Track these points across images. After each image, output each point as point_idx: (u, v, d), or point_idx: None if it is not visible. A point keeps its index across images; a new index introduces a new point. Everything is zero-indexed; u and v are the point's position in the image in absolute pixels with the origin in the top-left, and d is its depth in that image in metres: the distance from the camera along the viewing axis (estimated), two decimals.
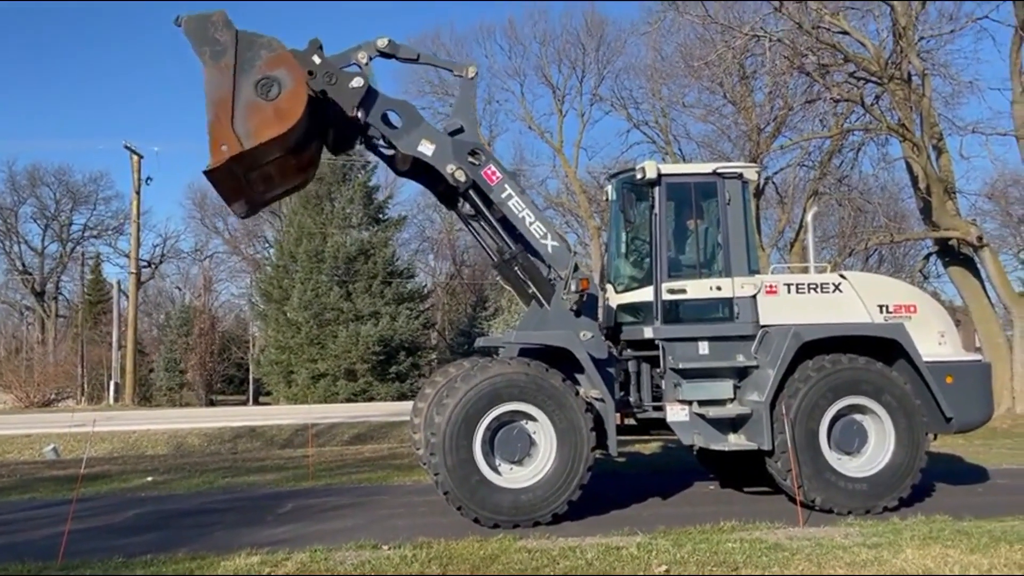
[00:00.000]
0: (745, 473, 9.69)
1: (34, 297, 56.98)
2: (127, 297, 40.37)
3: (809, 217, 18.67)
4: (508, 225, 8.92)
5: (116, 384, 37.54)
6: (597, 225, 34.37)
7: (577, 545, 7.02)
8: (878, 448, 8.48)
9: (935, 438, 9.04)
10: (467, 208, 9.13)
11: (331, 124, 8.79)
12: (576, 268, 8.81)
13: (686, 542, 7.05)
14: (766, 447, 8.32)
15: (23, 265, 57.13)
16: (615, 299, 9.58)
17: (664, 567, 6.34)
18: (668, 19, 22.41)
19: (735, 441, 8.73)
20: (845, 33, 18.61)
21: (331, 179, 36.96)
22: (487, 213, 8.93)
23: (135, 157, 35.76)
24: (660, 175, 8.94)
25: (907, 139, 18.93)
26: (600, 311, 9.29)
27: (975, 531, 7.29)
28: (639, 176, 8.98)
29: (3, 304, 60.53)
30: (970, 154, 29.93)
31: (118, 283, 43.28)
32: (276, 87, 7.63)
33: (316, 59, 8.33)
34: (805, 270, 11.65)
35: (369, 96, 8.49)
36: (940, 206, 18.76)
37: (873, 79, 18.88)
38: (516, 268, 8.94)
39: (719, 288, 8.86)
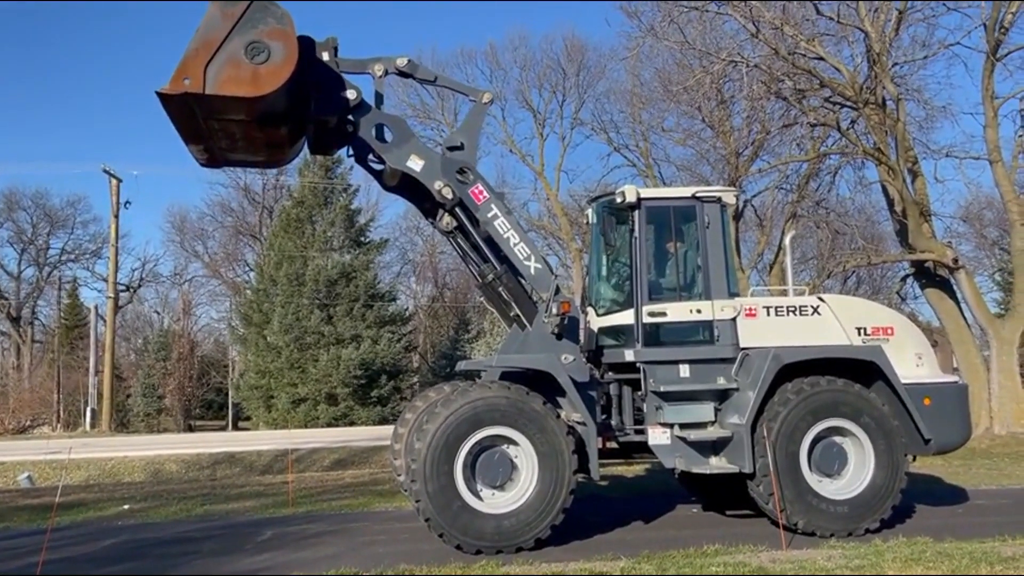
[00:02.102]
0: (727, 496, 9.69)
1: (10, 322, 56.17)
2: (104, 322, 39.93)
3: (787, 240, 18.85)
4: (493, 245, 8.94)
5: (93, 410, 37.02)
6: (578, 248, 34.52)
7: (560, 571, 6.99)
8: (858, 470, 8.53)
9: (914, 459, 9.11)
10: (452, 225, 9.12)
11: (312, 120, 8.76)
12: (558, 291, 8.85)
13: (670, 566, 7.04)
14: (747, 470, 8.34)
15: None
16: (596, 322, 9.61)
17: None
18: (646, 45, 22.67)
19: (717, 464, 8.74)
20: (821, 59, 18.93)
21: (312, 202, 36.92)
22: (472, 232, 8.94)
23: (114, 180, 35.54)
24: (640, 199, 9.01)
25: (883, 163, 19.22)
26: (581, 334, 9.30)
27: (956, 552, 7.33)
28: (619, 200, 9.05)
29: None
30: (944, 177, 30.33)
31: (95, 307, 42.84)
32: (265, 54, 7.58)
33: (324, 55, 8.47)
34: (784, 292, 11.74)
35: (361, 108, 8.56)
36: (916, 228, 19.02)
37: (848, 104, 19.19)
38: (500, 288, 8.95)
39: (699, 311, 8.92)
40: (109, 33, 77.88)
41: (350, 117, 8.56)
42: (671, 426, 8.76)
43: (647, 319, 8.83)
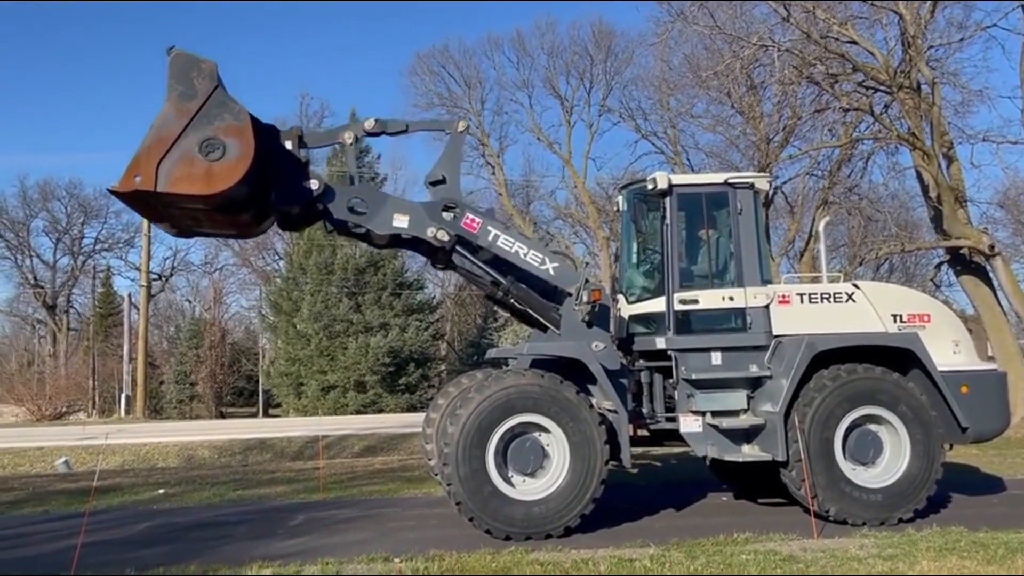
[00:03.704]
0: (759, 484, 9.63)
1: (46, 310, 57.28)
2: (138, 310, 40.54)
3: (820, 226, 18.57)
4: (498, 262, 8.92)
5: (127, 397, 37.65)
6: (606, 236, 34.36)
7: (590, 557, 6.99)
8: (893, 458, 8.42)
9: (950, 448, 8.97)
10: (457, 260, 9.05)
11: (274, 210, 8.73)
12: (587, 280, 8.83)
13: (699, 554, 7.01)
14: (780, 458, 8.27)
15: (35, 279, 57.47)
16: (627, 310, 9.56)
17: None
18: (675, 30, 22.40)
19: (749, 452, 8.68)
20: (854, 42, 18.58)
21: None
22: (476, 260, 8.91)
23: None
24: (671, 186, 8.94)
25: (917, 148, 18.86)
26: (612, 322, 9.27)
27: (991, 542, 7.23)
28: (650, 187, 8.98)
29: (15, 318, 60.91)
30: (981, 162, 29.74)
31: (129, 296, 43.48)
32: (220, 151, 7.47)
33: (288, 144, 8.39)
34: (816, 279, 11.59)
35: (327, 194, 8.52)
36: (951, 215, 18.67)
37: (882, 88, 18.83)
38: (512, 300, 8.97)
39: (731, 298, 8.84)
40: (141, 25, 78.74)
41: (318, 204, 8.51)
42: (703, 414, 8.71)
43: (679, 306, 8.77)
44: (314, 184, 8.40)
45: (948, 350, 8.91)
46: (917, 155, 19.22)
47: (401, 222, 8.64)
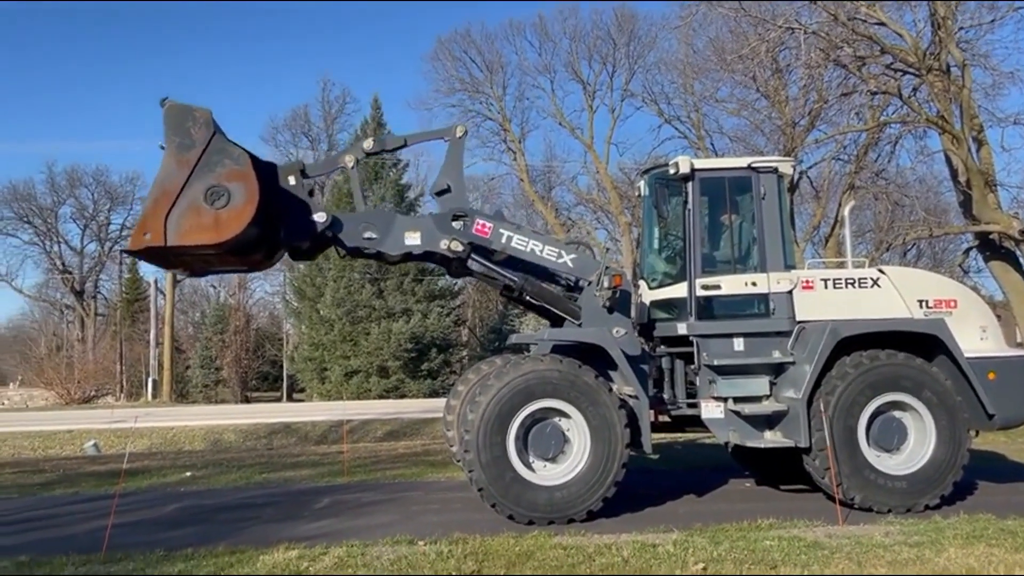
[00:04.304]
0: (781, 470, 9.59)
1: (74, 296, 58.16)
2: (164, 295, 41.07)
3: (846, 211, 18.36)
4: (513, 262, 8.94)
5: (154, 381, 38.22)
6: (628, 221, 34.24)
7: (613, 542, 7.01)
8: (918, 445, 8.35)
9: (977, 435, 8.88)
10: (473, 266, 9.02)
11: (284, 246, 8.81)
12: (607, 266, 8.82)
13: (723, 539, 7.00)
14: (803, 444, 8.23)
15: (63, 264, 58.33)
16: (648, 295, 9.53)
17: (701, 565, 6.30)
18: (700, 12, 22.19)
19: (771, 438, 8.64)
20: (882, 24, 18.31)
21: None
22: (491, 263, 8.91)
23: None
24: (694, 170, 8.87)
25: (946, 131, 18.58)
26: (633, 308, 9.25)
27: (1020, 530, 7.16)
28: (672, 171, 8.92)
29: (44, 303, 61.90)
30: (1012, 146, 29.22)
31: (155, 282, 44.00)
32: (225, 198, 7.49)
33: (291, 179, 8.46)
34: (841, 265, 11.48)
35: (335, 224, 8.57)
36: (981, 199, 18.39)
37: (911, 71, 18.55)
38: (528, 297, 8.98)
39: (754, 284, 8.77)
40: (167, 11, 79.20)
41: (328, 234, 8.56)
42: (725, 400, 8.68)
43: (701, 292, 8.72)
44: (321, 217, 8.46)
45: (975, 336, 8.80)
46: (946, 139, 18.93)
47: (413, 239, 8.69)
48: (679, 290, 8.93)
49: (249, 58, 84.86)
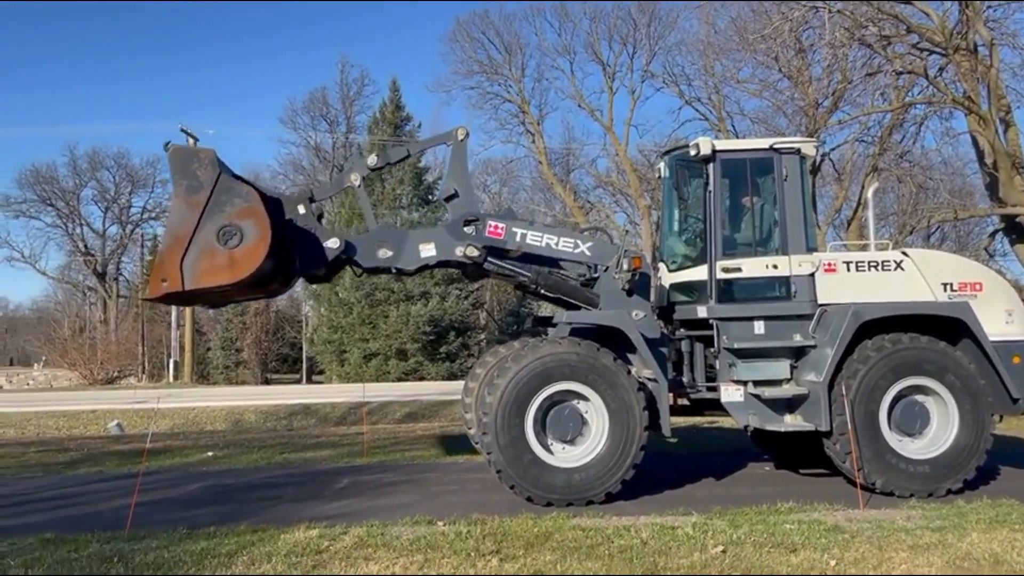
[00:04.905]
0: (800, 454, 9.54)
1: (96, 278, 58.85)
2: None
3: (869, 193, 18.19)
4: (528, 257, 8.95)
5: (175, 362, 38.65)
6: (648, 204, 34.04)
7: (631, 524, 7.01)
8: (941, 429, 8.27)
9: (1001, 419, 8.78)
10: (490, 267, 9.00)
11: (300, 275, 8.89)
12: (626, 249, 8.77)
13: (742, 522, 6.98)
14: (824, 428, 8.17)
15: (85, 247, 58.98)
16: (668, 278, 9.48)
17: (720, 547, 6.28)
18: None
19: (791, 422, 8.59)
20: (908, 2, 18.00)
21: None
22: (507, 263, 8.93)
23: (191, 140, 36.23)
24: (715, 151, 8.79)
25: (973, 112, 18.28)
26: (652, 291, 9.20)
27: None
28: (693, 153, 8.84)
29: (67, 285, 62.69)
30: None
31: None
32: (238, 237, 7.51)
33: (300, 208, 8.53)
34: (864, 248, 11.35)
35: (349, 248, 8.59)
36: (1007, 181, 18.10)
37: (937, 50, 18.24)
38: (542, 291, 8.98)
39: (775, 266, 8.70)
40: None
41: (343, 256, 8.58)
42: (744, 383, 8.63)
43: (721, 275, 8.66)
44: (334, 243, 8.50)
45: (1000, 320, 8.68)
46: (972, 119, 18.63)
47: (429, 252, 8.73)
48: (699, 273, 8.86)
49: (268, 40, 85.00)
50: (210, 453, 12.49)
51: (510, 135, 40.74)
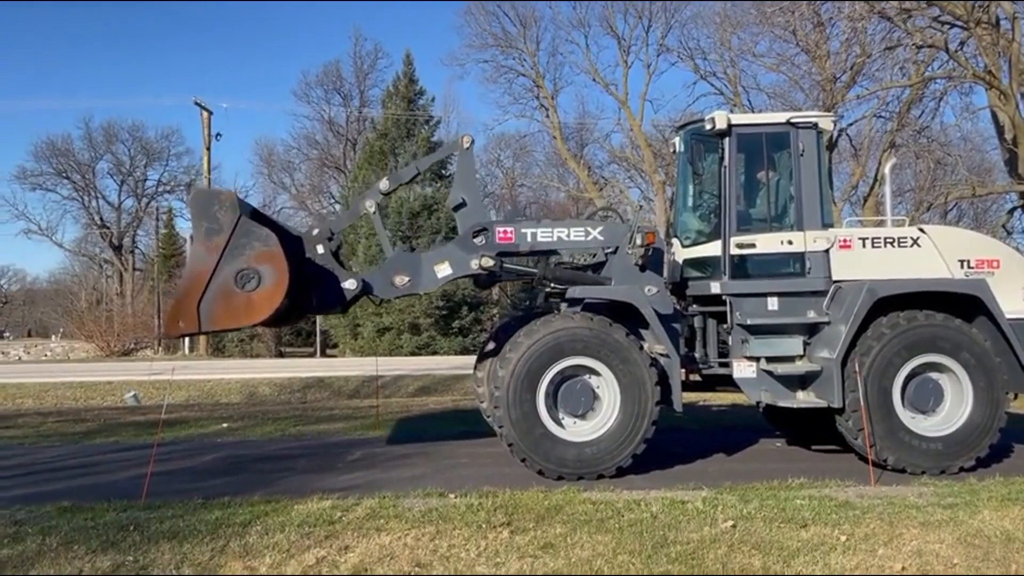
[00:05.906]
0: (812, 431, 9.53)
1: (112, 251, 59.27)
2: None
3: (887, 169, 17.93)
4: (532, 252, 8.98)
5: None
6: (662, 180, 33.82)
7: (642, 498, 7.04)
8: (955, 407, 8.23)
9: (1016, 397, 8.74)
10: (507, 274, 9.03)
11: (317, 311, 8.90)
12: (639, 225, 8.72)
13: (753, 497, 7.00)
14: (836, 405, 8.15)
15: (101, 220, 59.35)
16: (681, 254, 9.43)
17: (730, 522, 6.30)
18: None
19: (804, 398, 8.58)
20: None
21: (395, 134, 37.12)
22: (519, 264, 9.02)
23: (205, 113, 36.46)
24: (731, 125, 8.70)
25: (994, 87, 18.01)
26: (666, 266, 9.17)
27: None
28: (708, 127, 8.75)
29: (83, 257, 63.18)
30: None
31: (191, 238, 44.50)
32: (256, 280, 7.57)
33: (320, 248, 8.58)
34: (880, 224, 11.24)
35: (366, 285, 8.63)
36: None
37: (958, 23, 17.93)
38: (551, 285, 8.97)
39: (790, 242, 8.63)
40: None
41: (362, 290, 8.61)
42: (757, 359, 8.61)
43: (735, 250, 8.61)
44: (351, 284, 8.59)
45: (1018, 297, 8.59)
46: (993, 95, 18.37)
47: (444, 271, 8.72)
48: (713, 248, 8.81)
49: (282, 12, 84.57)
50: (225, 425, 12.62)
51: (524, 109, 40.51)
